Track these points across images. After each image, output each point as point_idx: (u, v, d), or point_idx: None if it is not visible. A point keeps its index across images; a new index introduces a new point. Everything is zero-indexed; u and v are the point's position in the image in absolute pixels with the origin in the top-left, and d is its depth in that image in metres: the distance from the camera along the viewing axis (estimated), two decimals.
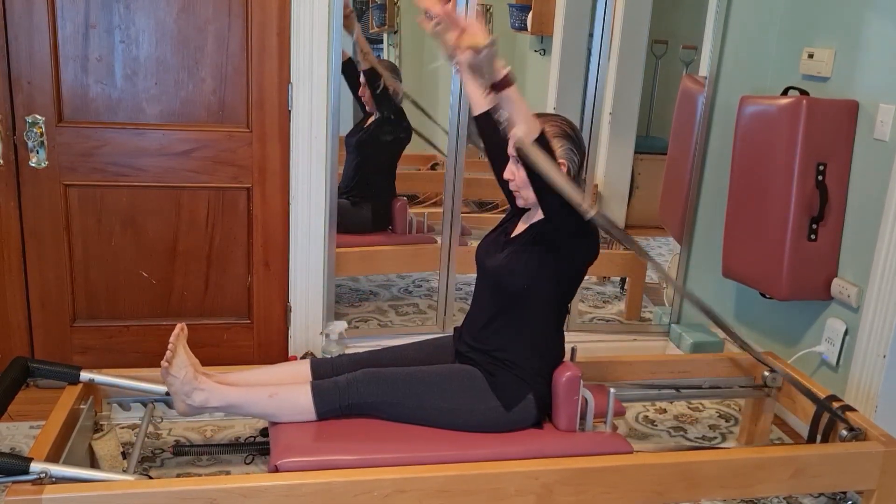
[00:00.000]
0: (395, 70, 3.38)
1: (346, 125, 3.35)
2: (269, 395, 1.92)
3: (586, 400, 1.98)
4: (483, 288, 2.06)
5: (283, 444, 1.85)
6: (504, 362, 1.97)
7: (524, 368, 1.96)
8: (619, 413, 2.14)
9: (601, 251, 2.00)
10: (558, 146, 1.90)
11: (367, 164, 3.28)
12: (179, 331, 1.94)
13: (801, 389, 2.25)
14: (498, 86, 1.65)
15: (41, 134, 2.36)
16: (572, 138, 1.93)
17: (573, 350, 2.16)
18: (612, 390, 1.99)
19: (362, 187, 3.23)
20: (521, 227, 2.03)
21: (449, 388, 1.94)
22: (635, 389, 2.33)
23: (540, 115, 1.95)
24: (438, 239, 3.05)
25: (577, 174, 1.96)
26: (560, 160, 1.90)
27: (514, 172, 1.93)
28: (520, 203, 1.99)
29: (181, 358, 1.91)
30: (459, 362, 2.05)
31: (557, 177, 1.72)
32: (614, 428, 2.04)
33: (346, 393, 1.92)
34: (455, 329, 2.16)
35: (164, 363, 1.87)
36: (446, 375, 1.98)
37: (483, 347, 2.00)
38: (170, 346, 1.89)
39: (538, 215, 1.97)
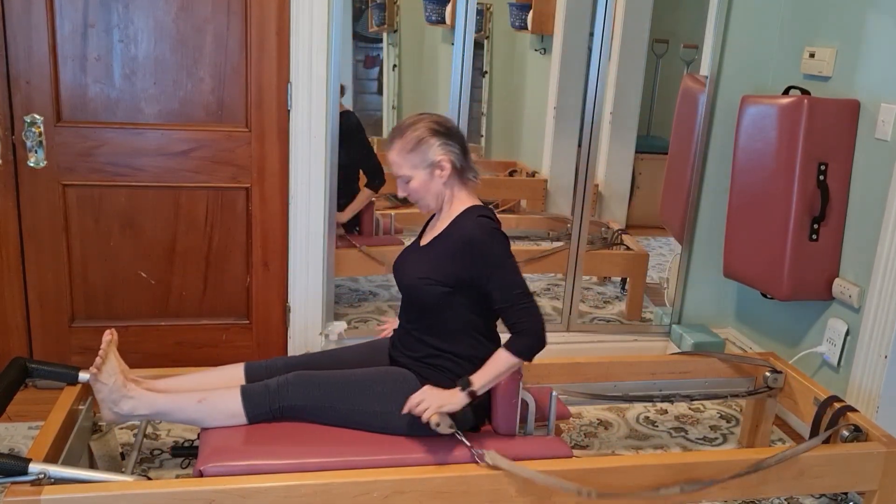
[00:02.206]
0: None
1: None
2: (197, 400, 1.87)
3: (527, 403, 1.93)
4: (404, 298, 2.02)
5: (210, 448, 1.81)
6: (436, 367, 1.92)
7: (457, 373, 1.90)
8: (563, 416, 2.08)
9: (601, 251, 1.98)
10: (430, 145, 1.84)
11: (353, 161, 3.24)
12: (111, 336, 1.90)
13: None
14: (473, 398, 1.83)
15: (39, 134, 2.36)
16: (440, 132, 1.86)
17: None
18: (553, 393, 1.94)
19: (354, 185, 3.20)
20: (429, 236, 1.98)
21: (381, 391, 1.89)
22: (585, 391, 2.29)
23: (402, 125, 1.89)
24: (406, 241, 3.04)
25: (464, 161, 1.89)
26: (438, 158, 1.85)
27: (406, 188, 1.90)
28: (423, 210, 1.96)
29: (111, 364, 1.86)
30: (392, 365, 2.00)
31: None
32: (558, 431, 1.99)
33: (277, 396, 1.87)
34: (393, 331, 2.11)
35: (92, 369, 1.83)
36: (379, 379, 1.92)
37: (414, 355, 1.96)
38: (100, 352, 1.85)
39: (443, 224, 1.93)
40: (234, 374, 2.00)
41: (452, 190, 1.91)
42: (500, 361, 1.82)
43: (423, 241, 1.99)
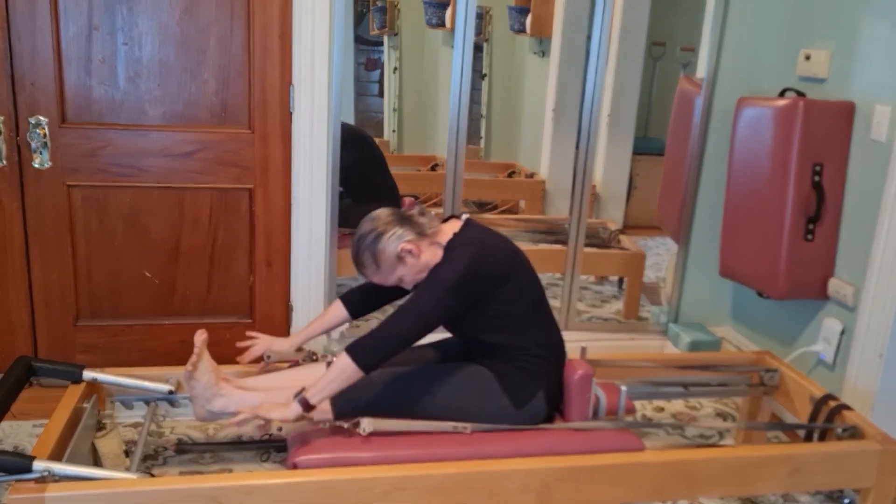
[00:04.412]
0: None
1: None
2: (286, 397, 1.92)
3: (598, 397, 2.01)
4: None
5: (301, 441, 1.88)
6: (511, 364, 2.00)
7: (530, 368, 1.99)
8: (630, 411, 2.16)
9: (602, 251, 2.02)
10: (383, 250, 1.92)
11: (360, 163, 3.28)
12: (204, 335, 1.96)
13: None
14: (307, 408, 1.84)
15: (44, 135, 2.37)
16: (380, 232, 1.93)
17: (583, 349, 2.17)
18: (623, 388, 2.01)
19: (363, 186, 3.23)
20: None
21: (461, 387, 1.96)
22: (642, 387, 2.35)
23: (354, 257, 1.97)
24: None
25: (417, 231, 1.96)
26: (397, 250, 1.92)
27: (405, 285, 2.00)
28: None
29: (204, 363, 1.93)
30: (470, 361, 2.07)
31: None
32: None
33: (362, 393, 1.93)
34: None
35: (188, 367, 1.88)
36: (458, 375, 1.99)
37: (484, 356, 2.03)
38: (195, 349, 1.91)
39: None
40: (317, 371, 2.06)
41: (427, 249, 1.97)
42: (333, 366, 1.86)
43: None
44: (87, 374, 2.09)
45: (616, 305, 3.58)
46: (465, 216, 2.07)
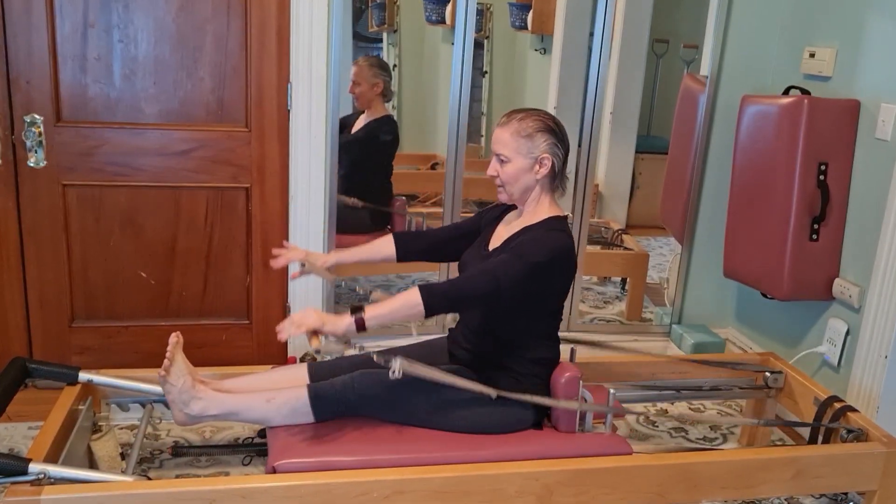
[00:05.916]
0: (384, 67, 3.36)
1: None
2: (266, 399, 1.90)
3: (586, 401, 1.98)
4: None
5: (280, 445, 1.85)
6: (499, 365, 1.97)
7: (520, 371, 1.96)
8: (619, 414, 2.14)
9: (604, 252, 1.99)
10: (542, 140, 1.90)
11: (362, 163, 3.28)
12: (177, 339, 1.93)
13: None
14: (360, 328, 1.81)
15: (39, 134, 2.36)
16: (555, 132, 1.92)
17: (572, 351, 2.15)
18: (611, 391, 1.99)
19: (359, 187, 3.22)
20: (499, 238, 2.01)
21: (445, 389, 1.92)
22: (635, 390, 2.33)
23: (520, 111, 1.94)
24: None
25: (562, 169, 1.95)
26: (543, 154, 1.90)
27: (498, 168, 1.94)
28: (503, 198, 2.00)
29: (179, 366, 1.89)
30: (454, 363, 2.04)
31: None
32: (614, 429, 2.04)
33: (343, 395, 1.91)
34: (449, 331, 2.15)
35: (161, 372, 1.85)
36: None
37: (477, 351, 2.00)
38: (167, 354, 1.87)
39: (519, 224, 1.96)
40: (298, 373, 2.04)
41: (540, 191, 1.95)
42: (402, 294, 1.82)
43: (493, 244, 2.01)
44: (83, 376, 2.07)
45: (619, 306, 3.56)
46: (567, 213, 2.05)
